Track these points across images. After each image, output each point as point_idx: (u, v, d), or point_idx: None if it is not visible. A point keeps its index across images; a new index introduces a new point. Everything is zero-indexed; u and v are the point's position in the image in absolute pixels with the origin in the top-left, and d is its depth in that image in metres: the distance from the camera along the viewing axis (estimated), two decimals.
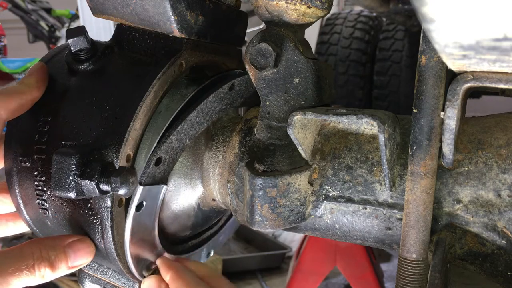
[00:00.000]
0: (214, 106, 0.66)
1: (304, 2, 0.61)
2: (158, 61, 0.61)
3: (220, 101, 0.67)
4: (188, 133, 0.63)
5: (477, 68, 0.45)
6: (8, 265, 0.53)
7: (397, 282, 0.56)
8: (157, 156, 0.59)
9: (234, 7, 0.73)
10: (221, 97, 0.67)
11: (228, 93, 0.68)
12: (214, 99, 0.66)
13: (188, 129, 0.63)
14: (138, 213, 0.59)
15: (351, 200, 0.62)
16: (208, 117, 0.66)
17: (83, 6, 3.60)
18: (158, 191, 0.62)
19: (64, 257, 0.57)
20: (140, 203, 0.59)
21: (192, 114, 0.62)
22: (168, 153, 0.61)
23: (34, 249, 0.56)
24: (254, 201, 0.61)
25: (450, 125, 0.52)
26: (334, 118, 0.58)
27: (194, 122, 0.63)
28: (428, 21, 0.29)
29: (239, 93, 0.71)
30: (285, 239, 3.48)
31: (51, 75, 0.65)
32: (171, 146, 0.61)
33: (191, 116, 0.62)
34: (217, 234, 0.82)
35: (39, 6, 6.42)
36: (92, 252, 0.59)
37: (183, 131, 0.62)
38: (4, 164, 0.64)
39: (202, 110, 0.64)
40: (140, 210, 0.59)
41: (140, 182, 0.59)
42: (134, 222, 0.59)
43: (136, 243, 0.61)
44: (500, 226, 0.55)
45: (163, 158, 0.60)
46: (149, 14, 0.61)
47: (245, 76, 0.70)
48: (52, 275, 0.57)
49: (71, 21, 6.31)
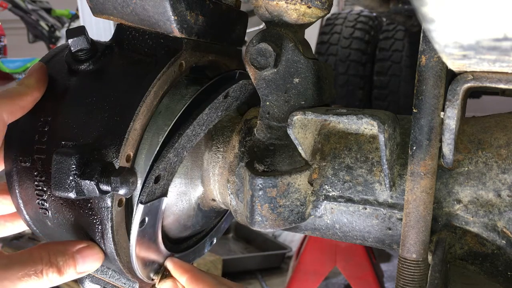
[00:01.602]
0: (210, 116, 0.66)
1: (304, 2, 0.61)
2: (158, 61, 0.61)
3: (216, 110, 0.67)
4: (185, 146, 0.63)
5: (477, 68, 0.45)
6: (17, 270, 0.53)
7: (397, 282, 0.56)
8: (156, 175, 0.59)
9: (234, 7, 0.73)
10: (217, 106, 0.67)
11: (224, 101, 0.68)
12: (210, 111, 0.65)
13: (185, 144, 0.63)
14: (141, 229, 0.60)
15: (351, 200, 0.62)
16: (204, 127, 0.66)
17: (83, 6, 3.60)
18: (159, 204, 0.62)
19: (72, 263, 0.58)
20: (143, 220, 0.60)
21: (188, 129, 0.62)
22: (166, 169, 0.61)
23: (43, 254, 0.56)
24: (254, 201, 0.61)
25: (450, 125, 0.52)
26: (334, 118, 0.58)
27: (190, 136, 0.63)
28: (428, 21, 0.29)
29: (234, 98, 0.70)
30: (285, 239, 3.48)
31: (51, 75, 0.65)
32: (169, 163, 0.61)
33: (187, 132, 0.62)
34: (219, 223, 0.82)
35: (39, 6, 6.42)
36: (101, 259, 0.60)
37: (180, 146, 0.62)
38: (4, 164, 0.64)
39: (198, 123, 0.64)
40: (143, 226, 0.60)
41: (140, 201, 0.59)
42: (139, 236, 0.60)
43: (141, 250, 0.62)
44: (500, 226, 0.55)
45: (161, 175, 0.60)
46: (149, 14, 0.61)
47: (239, 83, 0.70)
48: (59, 279, 0.57)
49: (71, 21, 6.30)
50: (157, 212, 0.63)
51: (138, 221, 0.59)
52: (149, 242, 0.64)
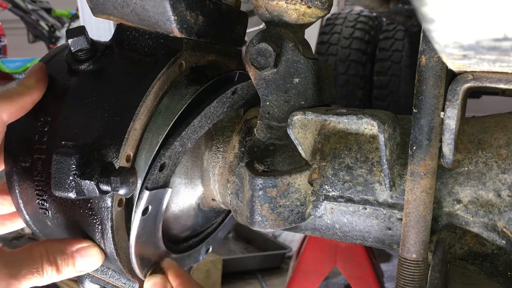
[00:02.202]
0: (217, 110, 0.67)
1: (304, 2, 0.61)
2: (158, 61, 0.61)
3: (223, 105, 0.68)
4: (191, 137, 0.64)
5: (477, 68, 0.45)
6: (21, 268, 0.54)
7: (397, 282, 0.56)
8: (161, 162, 0.60)
9: (234, 7, 0.73)
10: (224, 101, 0.68)
11: (231, 97, 0.69)
12: (217, 104, 0.67)
13: (191, 134, 0.63)
14: (143, 218, 0.60)
15: (351, 200, 0.62)
16: (210, 120, 0.67)
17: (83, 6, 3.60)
18: (163, 195, 0.62)
19: (71, 262, 0.58)
20: (146, 208, 0.60)
21: (195, 120, 0.63)
22: (171, 158, 0.61)
23: (42, 252, 0.57)
24: (254, 201, 0.61)
25: (450, 125, 0.52)
26: (334, 118, 0.58)
27: (197, 127, 0.64)
28: (428, 21, 0.29)
29: (240, 97, 0.71)
30: (285, 239, 3.48)
31: (51, 75, 0.65)
32: (174, 151, 0.61)
33: (194, 122, 0.63)
34: (216, 231, 0.82)
35: (39, 6, 6.41)
36: (100, 260, 0.60)
37: (186, 136, 0.62)
38: (4, 164, 0.64)
39: (205, 115, 0.65)
40: (146, 214, 0.60)
41: (146, 187, 0.59)
42: (140, 226, 0.60)
43: (141, 244, 0.62)
44: (500, 226, 0.55)
45: (166, 164, 0.61)
46: (149, 14, 0.61)
47: (248, 82, 0.71)
48: (58, 277, 0.58)
49: (71, 21, 6.30)
50: (160, 203, 0.62)
51: (142, 207, 0.59)
52: (149, 236, 0.63)
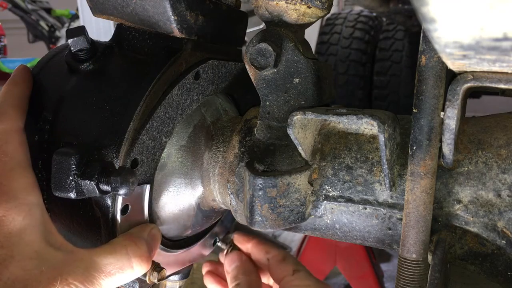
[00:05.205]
0: (183, 99, 0.64)
1: (304, 2, 0.61)
2: (158, 61, 0.61)
3: (189, 93, 0.65)
4: (161, 130, 0.62)
5: (477, 68, 0.45)
6: (110, 267, 0.53)
7: (397, 282, 0.56)
8: (131, 159, 0.58)
9: (234, 7, 0.73)
10: (188, 87, 0.65)
11: (195, 83, 0.66)
12: (181, 92, 0.64)
13: (159, 126, 0.61)
14: (124, 216, 0.59)
15: (351, 200, 0.62)
16: (180, 110, 0.64)
17: (83, 6, 3.59)
18: (141, 191, 0.61)
19: (151, 247, 0.59)
20: (126, 206, 0.59)
21: (159, 110, 0.60)
22: (144, 153, 0.60)
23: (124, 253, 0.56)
24: (254, 201, 0.61)
25: (450, 125, 0.52)
26: (334, 118, 0.58)
27: (164, 118, 0.62)
28: (428, 21, 0.29)
29: (207, 81, 0.69)
30: (285, 239, 3.48)
31: (51, 75, 0.65)
32: (145, 146, 0.60)
33: (158, 113, 0.60)
34: (219, 221, 0.82)
35: (39, 6, 6.42)
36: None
37: (154, 129, 0.60)
38: None
39: (169, 104, 0.62)
40: (126, 213, 0.59)
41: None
42: (124, 225, 0.59)
43: None
44: (500, 226, 0.55)
45: (139, 160, 0.59)
46: (149, 14, 0.61)
47: (208, 62, 0.68)
48: (142, 271, 0.57)
49: (71, 21, 6.31)
50: (141, 200, 0.61)
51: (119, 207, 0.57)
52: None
